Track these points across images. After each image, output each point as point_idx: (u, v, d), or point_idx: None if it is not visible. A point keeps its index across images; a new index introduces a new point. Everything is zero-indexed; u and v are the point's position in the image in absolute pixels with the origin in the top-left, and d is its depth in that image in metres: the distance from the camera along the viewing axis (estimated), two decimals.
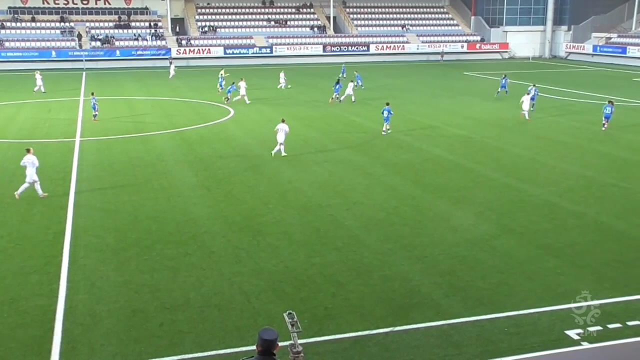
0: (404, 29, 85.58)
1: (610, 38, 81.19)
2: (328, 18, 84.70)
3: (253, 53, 77.01)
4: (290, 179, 24.05)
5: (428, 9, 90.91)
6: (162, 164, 26.46)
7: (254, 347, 7.48)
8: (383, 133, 32.40)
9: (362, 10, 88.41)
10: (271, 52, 77.60)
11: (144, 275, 15.25)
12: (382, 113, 32.45)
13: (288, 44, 78.95)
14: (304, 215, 19.82)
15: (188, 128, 34.57)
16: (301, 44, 79.35)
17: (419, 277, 15.26)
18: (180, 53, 74.88)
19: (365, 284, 14.82)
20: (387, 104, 32.75)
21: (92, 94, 38.70)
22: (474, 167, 25.72)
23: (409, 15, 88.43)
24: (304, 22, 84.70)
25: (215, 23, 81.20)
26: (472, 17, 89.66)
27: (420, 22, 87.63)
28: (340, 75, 55.52)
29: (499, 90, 46.92)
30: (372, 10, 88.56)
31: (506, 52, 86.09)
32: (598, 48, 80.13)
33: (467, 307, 13.62)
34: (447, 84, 54.76)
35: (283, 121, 28.24)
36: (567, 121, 36.65)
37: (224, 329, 12.73)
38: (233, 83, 45.45)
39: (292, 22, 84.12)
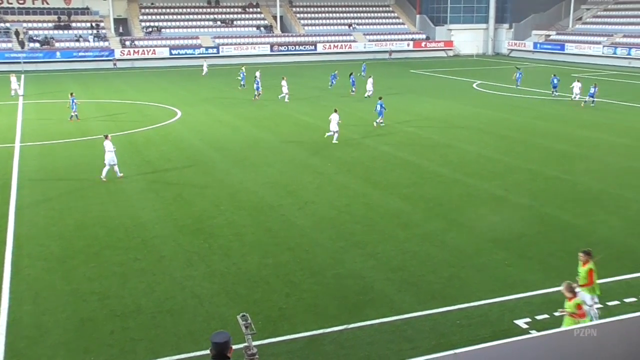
0: (351, 27, 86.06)
1: (549, 35, 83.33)
2: (275, 17, 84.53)
3: (199, 53, 76.24)
4: (241, 180, 23.89)
5: (374, 8, 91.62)
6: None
7: (208, 352, 7.39)
8: (375, 125, 34.13)
9: (308, 9, 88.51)
10: (218, 52, 76.98)
11: (92, 283, 14.92)
12: (376, 108, 34.38)
13: (235, 44, 78.45)
14: (256, 216, 19.72)
15: (134, 131, 33.98)
16: (248, 43, 78.96)
17: (372, 273, 15.35)
18: (124, 54, 73.57)
19: (319, 283, 14.84)
20: (380, 98, 35.14)
21: (71, 94, 37.72)
22: (423, 164, 26.03)
23: (355, 14, 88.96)
24: (250, 22, 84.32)
25: (160, 23, 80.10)
26: (418, 16, 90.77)
27: (367, 20, 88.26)
28: (362, 74, 56.44)
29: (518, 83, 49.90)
30: (319, 9, 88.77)
31: (451, 50, 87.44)
32: (538, 45, 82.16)
33: (419, 302, 13.77)
34: (395, 82, 55.27)
35: (335, 111, 30.58)
36: (511, 116, 37.42)
37: (177, 335, 12.55)
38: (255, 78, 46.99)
39: (239, 22, 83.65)
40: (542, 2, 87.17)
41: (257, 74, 49.76)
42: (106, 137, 24.45)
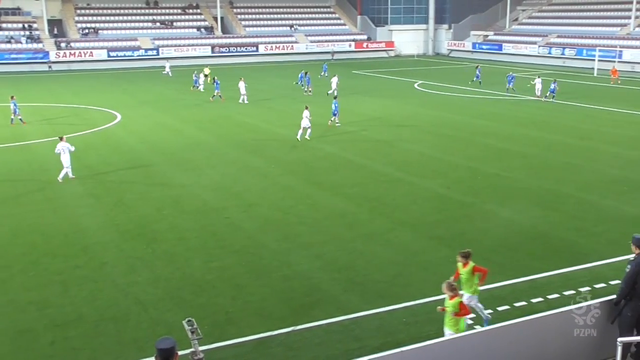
0: (292, 28, 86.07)
1: (487, 36, 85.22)
2: (215, 19, 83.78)
3: (139, 55, 74.98)
4: (184, 183, 23.57)
5: (315, 9, 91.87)
6: (46, 174, 25.16)
7: (153, 359, 7.23)
8: (329, 124, 34.42)
9: (249, 10, 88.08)
10: (157, 54, 75.80)
11: (30, 293, 14.44)
12: (332, 107, 34.77)
13: (175, 45, 77.43)
14: (200, 219, 19.48)
15: (72, 135, 33.04)
16: (189, 45, 78.07)
17: (318, 274, 15.35)
18: (59, 56, 71.67)
19: (265, 285, 14.75)
20: (335, 98, 35.62)
21: (12, 97, 36.45)
22: (366, 164, 26.21)
23: (296, 15, 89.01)
24: (190, 23, 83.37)
25: (97, 25, 78.36)
26: (359, 17, 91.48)
27: (308, 22, 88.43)
28: (322, 74, 56.69)
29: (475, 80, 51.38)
30: (260, 10, 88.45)
31: (392, 50, 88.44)
32: (477, 45, 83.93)
33: (366, 301, 13.83)
34: (324, 83, 55.44)
35: (306, 108, 31.42)
36: (452, 115, 38.06)
37: (120, 342, 12.27)
38: (215, 78, 46.50)
39: (179, 23, 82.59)
40: (480, 4, 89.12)
41: (205, 70, 50.03)
42: (61, 138, 24.38)
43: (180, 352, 7.25)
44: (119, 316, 13.29)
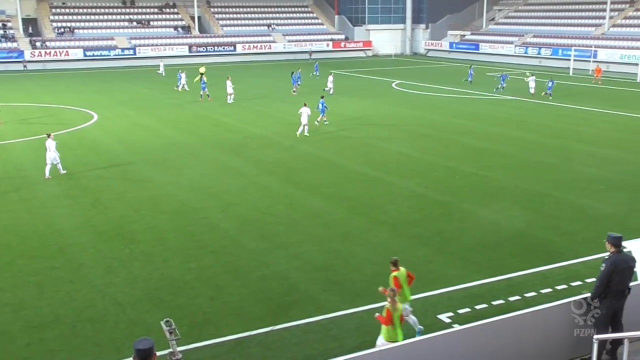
0: (270, 28, 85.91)
1: (464, 35, 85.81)
2: (193, 18, 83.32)
3: (115, 55, 74.35)
4: (162, 184, 23.44)
5: (292, 9, 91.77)
6: (21, 174, 24.91)
7: None
8: (316, 123, 34.09)
9: (227, 10, 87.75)
10: (134, 54, 75.25)
11: (5, 294, 14.26)
12: (318, 106, 34.46)
13: (152, 45, 76.89)
14: (178, 219, 19.39)
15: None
16: (166, 44, 77.58)
17: (296, 274, 15.36)
18: (34, 56, 70.81)
19: (244, 285, 14.73)
20: (322, 97, 35.43)
21: None
22: (344, 163, 26.26)
23: (274, 15, 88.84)
24: (167, 23, 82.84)
25: (73, 24, 77.51)
26: (336, 16, 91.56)
27: (286, 21, 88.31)
28: (314, 74, 56.39)
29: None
30: (237, 10, 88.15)
31: (370, 50, 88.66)
32: (454, 45, 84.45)
33: (344, 301, 13.87)
34: (315, 82, 55.52)
35: (305, 105, 31.48)
36: (430, 115, 38.26)
37: (98, 344, 12.17)
38: (201, 75, 46.36)
39: (156, 23, 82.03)
40: (457, 3, 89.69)
41: (201, 69, 50.25)
42: (49, 135, 24.61)
43: (158, 353, 7.23)
44: (96, 317, 13.18)
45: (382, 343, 10.43)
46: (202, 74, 48.67)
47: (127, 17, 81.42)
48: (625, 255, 10.55)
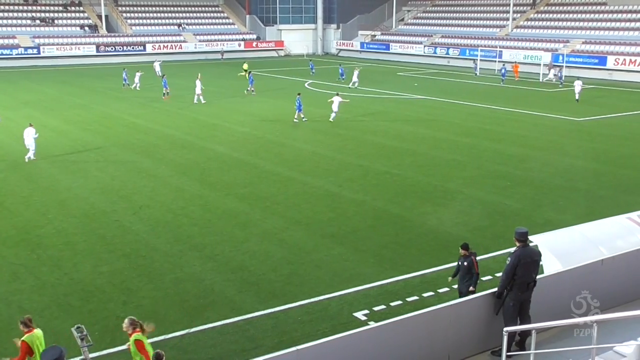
0: (181, 27, 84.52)
1: (375, 36, 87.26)
2: (99, 17, 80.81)
3: (18, 54, 71.17)
4: (69, 186, 22.67)
5: (203, 8, 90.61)
6: None
7: None
8: (295, 121, 35.19)
9: (135, 9, 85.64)
10: (39, 53, 72.27)
11: None
12: (295, 104, 35.32)
13: (57, 44, 74.04)
14: (88, 223, 18.81)
15: None
16: (72, 44, 74.89)
17: (211, 276, 15.23)
18: None
19: (157, 289, 14.47)
20: (299, 94, 36.26)
21: None
22: (258, 163, 26.21)
23: (184, 14, 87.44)
24: (73, 21, 79.96)
25: None
26: (247, 16, 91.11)
27: (197, 21, 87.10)
28: (339, 78, 56.32)
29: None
30: (146, 9, 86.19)
31: (282, 49, 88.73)
32: (365, 45, 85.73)
33: (260, 301, 13.86)
34: (227, 83, 55.09)
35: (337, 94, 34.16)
36: (341, 114, 38.60)
37: (3, 354, 11.62)
38: (164, 76, 46.02)
39: (60, 21, 79.03)
40: (367, 4, 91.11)
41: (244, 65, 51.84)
42: (30, 125, 26.90)
43: None
44: (1, 326, 12.62)
45: None
46: (246, 70, 48.16)
47: (29, 15, 78.01)
48: (530, 250, 10.93)
